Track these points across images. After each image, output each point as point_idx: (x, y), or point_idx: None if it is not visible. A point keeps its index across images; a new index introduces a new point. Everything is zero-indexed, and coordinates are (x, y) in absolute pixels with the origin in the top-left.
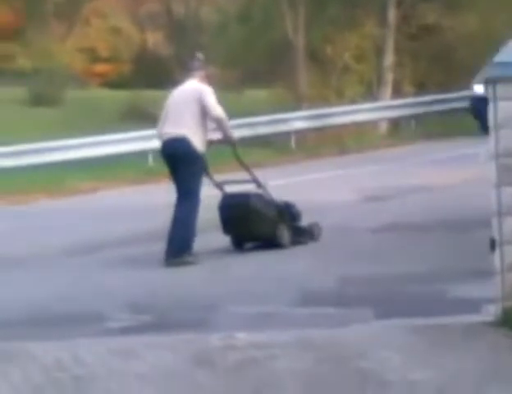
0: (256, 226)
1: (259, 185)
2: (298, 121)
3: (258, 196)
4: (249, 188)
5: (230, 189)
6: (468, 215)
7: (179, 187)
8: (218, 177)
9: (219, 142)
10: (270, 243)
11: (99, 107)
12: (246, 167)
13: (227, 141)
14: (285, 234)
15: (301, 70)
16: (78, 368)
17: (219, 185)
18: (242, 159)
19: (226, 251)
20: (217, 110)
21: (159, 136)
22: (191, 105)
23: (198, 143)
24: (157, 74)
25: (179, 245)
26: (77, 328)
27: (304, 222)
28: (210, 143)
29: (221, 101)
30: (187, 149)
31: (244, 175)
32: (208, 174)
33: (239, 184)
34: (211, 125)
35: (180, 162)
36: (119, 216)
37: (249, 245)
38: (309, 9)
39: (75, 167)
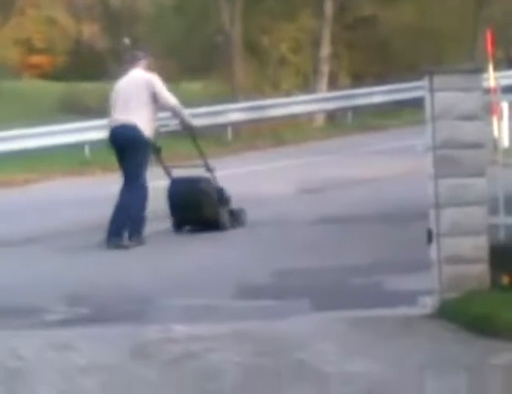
0: (204, 209)
1: (210, 170)
2: (234, 112)
3: (207, 180)
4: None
5: (178, 174)
6: (405, 207)
7: (125, 174)
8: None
9: (179, 129)
10: (213, 226)
11: (35, 99)
12: (201, 152)
13: (186, 127)
14: (226, 218)
15: (237, 61)
16: (15, 360)
17: (167, 170)
18: (199, 144)
19: (163, 242)
20: (172, 99)
21: (109, 122)
22: (141, 93)
23: (146, 129)
24: (92, 66)
25: (121, 229)
26: (14, 320)
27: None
28: (163, 127)
29: None
30: (136, 136)
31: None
32: (159, 159)
33: (187, 168)
34: (165, 113)
35: (128, 148)
36: (55, 207)
37: (187, 227)
38: (246, 0)
39: (10, 159)
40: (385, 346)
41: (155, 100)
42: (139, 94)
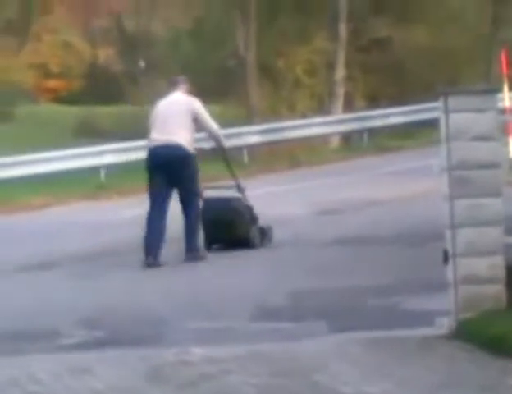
0: (237, 227)
1: (241, 189)
2: (250, 135)
3: (239, 200)
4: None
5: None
6: (421, 228)
7: (179, 192)
8: None
9: (212, 150)
10: (244, 244)
11: (51, 123)
12: (233, 173)
13: (220, 149)
14: (257, 236)
15: (253, 84)
16: (33, 384)
17: (200, 191)
18: (231, 165)
19: (178, 264)
20: (213, 124)
21: (148, 141)
22: (183, 115)
23: (190, 148)
24: (108, 89)
25: (192, 246)
26: (30, 344)
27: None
28: (201, 150)
29: None
30: (182, 154)
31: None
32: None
33: (219, 189)
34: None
35: (177, 167)
36: (71, 232)
37: (215, 246)
38: (260, 23)
39: (27, 184)
40: (401, 367)
41: (195, 123)
42: (181, 116)
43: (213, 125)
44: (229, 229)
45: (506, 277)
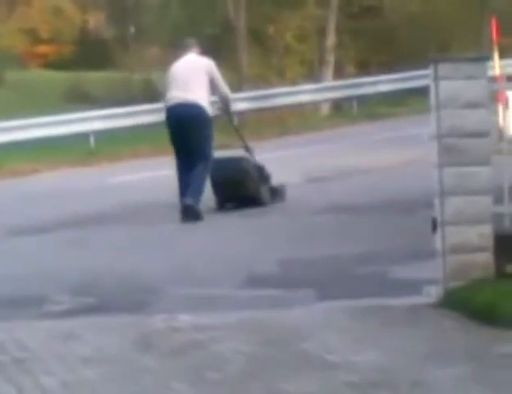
0: (245, 186)
1: (249, 150)
2: (240, 102)
3: (247, 159)
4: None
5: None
6: (410, 196)
7: (192, 150)
8: None
9: (218, 111)
10: (254, 202)
11: (40, 89)
12: (239, 134)
13: (226, 111)
14: (266, 194)
15: (242, 50)
16: (20, 351)
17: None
18: (237, 127)
19: (168, 231)
20: (226, 89)
21: (165, 101)
22: (201, 75)
23: (207, 107)
24: (98, 55)
25: (196, 197)
26: (18, 310)
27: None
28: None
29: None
30: (199, 113)
31: None
32: None
33: (226, 150)
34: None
35: (194, 125)
36: (60, 198)
37: (229, 206)
38: None
39: (16, 149)
40: (389, 335)
41: (212, 85)
42: (199, 76)
43: (226, 88)
44: (238, 188)
45: (494, 246)
